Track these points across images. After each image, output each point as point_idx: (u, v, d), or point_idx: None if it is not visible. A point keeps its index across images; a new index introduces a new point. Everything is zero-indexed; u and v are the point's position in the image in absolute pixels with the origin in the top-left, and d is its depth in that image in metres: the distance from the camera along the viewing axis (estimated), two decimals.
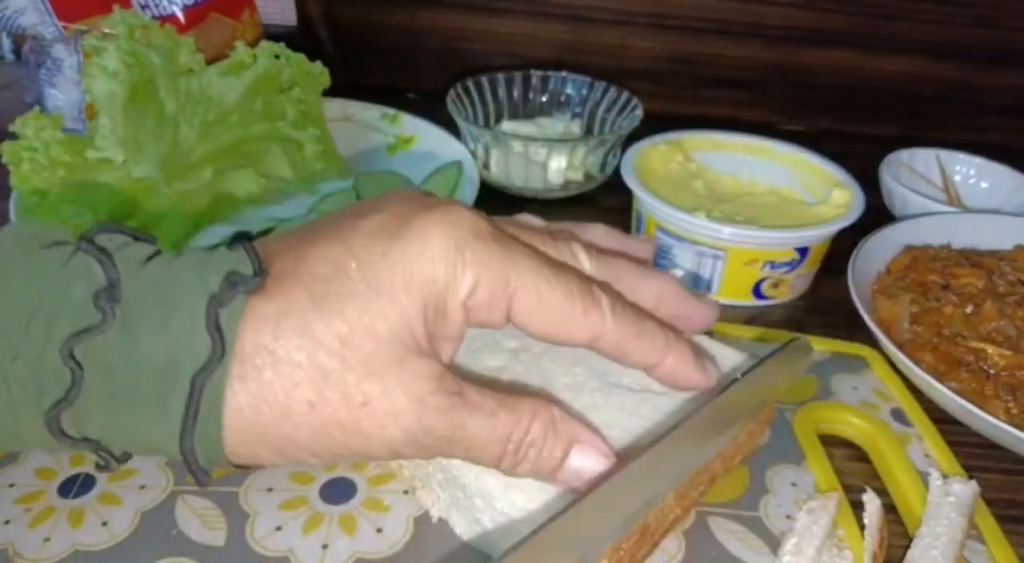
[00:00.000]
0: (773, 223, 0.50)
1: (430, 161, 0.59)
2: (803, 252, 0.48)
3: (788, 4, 0.72)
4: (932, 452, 0.39)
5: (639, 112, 0.62)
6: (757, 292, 0.50)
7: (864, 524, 0.33)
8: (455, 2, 0.73)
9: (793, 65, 0.75)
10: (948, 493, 0.35)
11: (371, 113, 0.65)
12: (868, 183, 0.54)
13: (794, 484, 0.36)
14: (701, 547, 0.33)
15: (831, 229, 0.48)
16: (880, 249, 0.51)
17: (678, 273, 0.35)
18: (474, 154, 0.60)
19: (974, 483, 0.36)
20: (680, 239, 0.49)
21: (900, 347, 0.42)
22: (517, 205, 0.60)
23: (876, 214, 0.56)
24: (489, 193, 0.58)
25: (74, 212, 0.45)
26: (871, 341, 0.45)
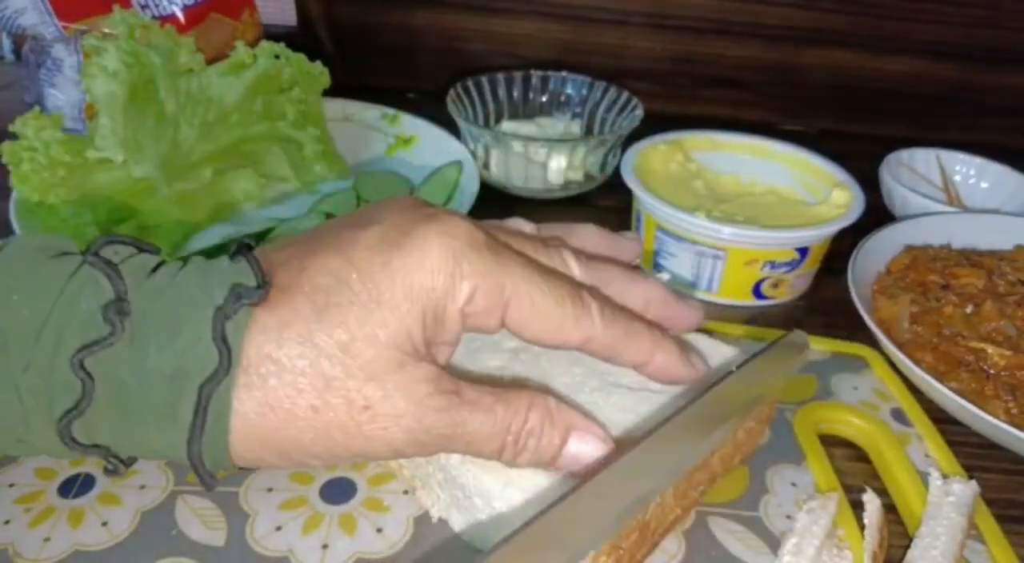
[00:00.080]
0: (773, 223, 0.50)
1: (430, 161, 0.59)
2: (803, 252, 0.48)
3: (788, 4, 0.72)
4: (932, 452, 0.39)
5: (639, 112, 0.62)
6: (757, 292, 0.50)
7: (864, 524, 0.33)
8: (455, 2, 0.73)
9: (793, 65, 0.75)
10: (948, 493, 0.35)
11: (371, 113, 0.65)
12: (868, 183, 0.54)
13: (794, 484, 0.36)
14: (701, 547, 0.33)
15: (831, 229, 0.48)
16: (880, 249, 0.51)
17: (664, 277, 0.36)
18: (474, 154, 0.60)
19: (974, 483, 0.36)
20: (680, 239, 0.49)
21: (900, 347, 0.42)
22: (517, 205, 0.60)
23: (876, 214, 0.56)
24: (489, 193, 0.58)
25: (74, 212, 0.45)
26: (871, 341, 0.45)
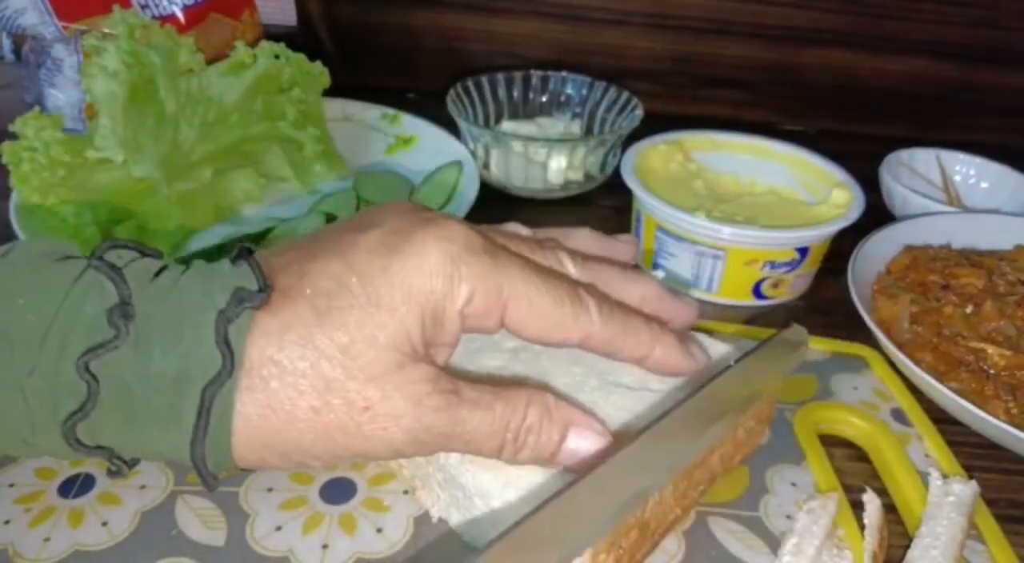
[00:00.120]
0: (773, 223, 0.50)
1: (430, 161, 0.59)
2: (803, 252, 0.48)
3: (788, 4, 0.72)
4: (932, 452, 0.39)
5: (639, 112, 0.62)
6: (757, 292, 0.50)
7: (864, 524, 0.33)
8: (455, 2, 0.73)
9: (793, 65, 0.75)
10: (948, 493, 0.35)
11: (371, 113, 0.65)
12: (868, 183, 0.54)
13: (794, 484, 0.36)
14: (701, 547, 0.33)
15: (831, 229, 0.48)
16: (880, 249, 0.51)
17: (659, 275, 0.36)
18: (474, 154, 0.60)
19: (974, 483, 0.36)
20: (680, 239, 0.49)
21: (900, 347, 0.42)
22: (517, 205, 0.60)
23: (876, 214, 0.56)
24: (489, 193, 0.58)
25: (74, 212, 0.45)
26: (871, 341, 0.45)
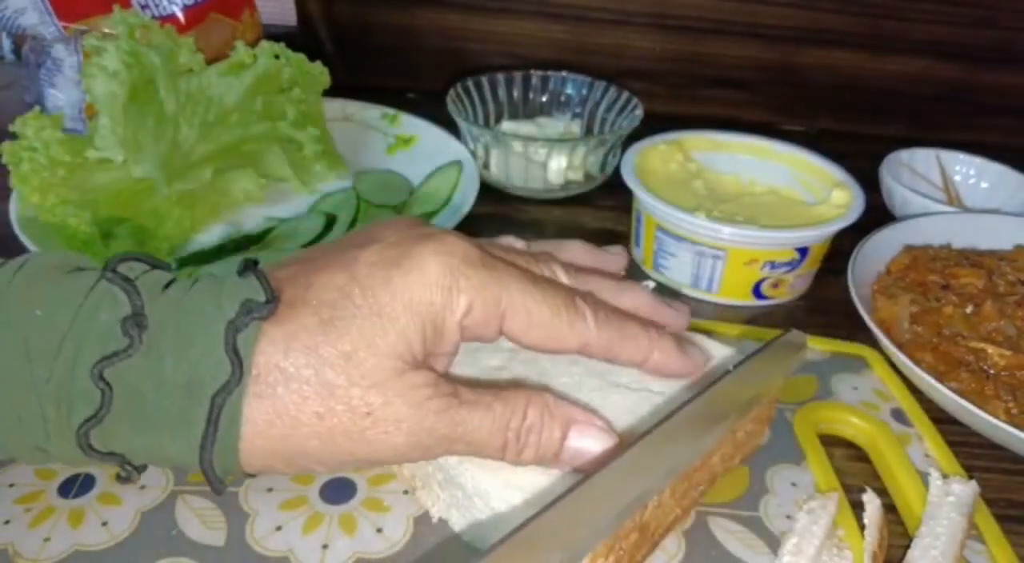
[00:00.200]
0: (773, 223, 0.50)
1: (430, 161, 0.59)
2: (803, 252, 0.48)
3: (788, 4, 0.72)
4: (932, 452, 0.39)
5: (639, 112, 0.62)
6: (757, 292, 0.50)
7: (864, 524, 0.33)
8: (455, 2, 0.73)
9: (793, 65, 0.75)
10: (948, 493, 0.35)
11: (371, 113, 0.65)
12: (868, 183, 0.54)
13: (794, 484, 0.36)
14: (701, 547, 0.33)
15: (831, 229, 0.48)
16: (880, 249, 0.51)
17: (650, 284, 0.37)
18: (474, 154, 0.60)
19: (974, 483, 0.36)
20: (680, 239, 0.49)
21: (900, 347, 0.42)
22: (517, 205, 0.60)
23: (876, 214, 0.56)
24: (489, 193, 0.58)
25: (74, 212, 0.45)
26: (871, 341, 0.45)
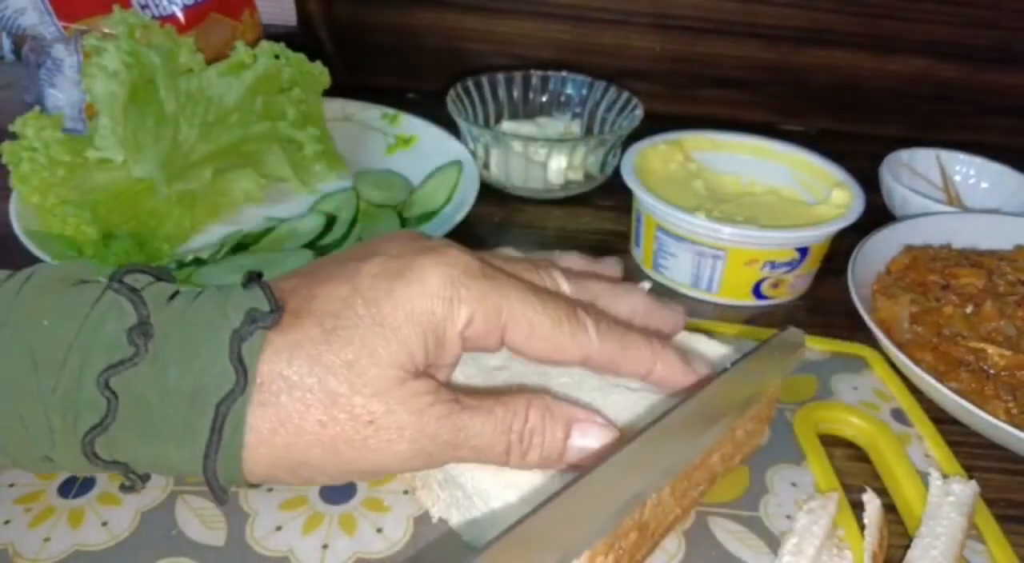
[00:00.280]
0: (773, 223, 0.50)
1: (430, 161, 0.59)
2: (803, 252, 0.48)
3: (788, 4, 0.72)
4: (932, 452, 0.39)
5: (639, 112, 0.62)
6: (757, 292, 0.50)
7: (864, 524, 0.33)
8: (455, 2, 0.73)
9: (793, 65, 0.75)
10: (948, 493, 0.35)
11: (371, 113, 0.65)
12: (868, 183, 0.54)
13: (794, 484, 0.36)
14: (701, 547, 0.33)
15: (831, 229, 0.48)
16: (880, 249, 0.51)
17: (646, 286, 0.37)
18: (474, 154, 0.60)
19: (974, 483, 0.36)
20: (680, 239, 0.49)
21: (900, 347, 0.42)
22: (517, 205, 0.60)
23: (876, 214, 0.56)
24: (489, 193, 0.58)
25: (74, 212, 0.45)
26: (871, 341, 0.45)
